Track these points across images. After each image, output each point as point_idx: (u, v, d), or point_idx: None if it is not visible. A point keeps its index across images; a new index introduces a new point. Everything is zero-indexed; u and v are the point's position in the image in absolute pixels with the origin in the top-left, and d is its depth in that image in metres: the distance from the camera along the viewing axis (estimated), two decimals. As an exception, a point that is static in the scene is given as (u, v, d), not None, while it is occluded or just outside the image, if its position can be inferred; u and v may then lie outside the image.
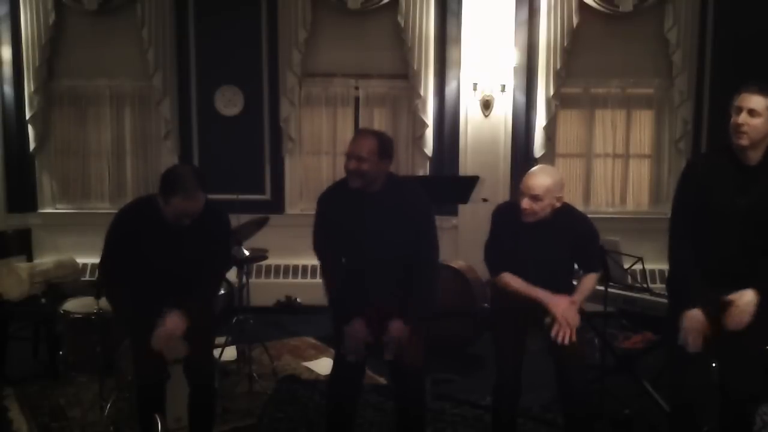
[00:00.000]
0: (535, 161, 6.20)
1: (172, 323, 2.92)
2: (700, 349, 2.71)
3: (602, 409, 3.74)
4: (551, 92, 6.03)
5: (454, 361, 4.83)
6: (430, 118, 6.13)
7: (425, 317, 3.11)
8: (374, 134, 3.02)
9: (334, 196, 3.11)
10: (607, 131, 6.36)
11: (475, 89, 5.97)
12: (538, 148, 6.17)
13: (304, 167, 6.40)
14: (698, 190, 2.78)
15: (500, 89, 5.97)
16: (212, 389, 3.23)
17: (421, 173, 6.19)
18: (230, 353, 4.71)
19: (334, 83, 6.25)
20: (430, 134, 6.17)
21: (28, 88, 6.09)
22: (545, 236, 3.02)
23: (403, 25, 5.99)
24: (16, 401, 4.14)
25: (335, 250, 3.12)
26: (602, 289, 3.81)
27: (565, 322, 2.94)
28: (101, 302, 3.91)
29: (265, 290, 5.96)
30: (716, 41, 6.15)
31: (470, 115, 6.04)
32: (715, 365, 2.91)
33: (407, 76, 6.11)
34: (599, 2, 5.99)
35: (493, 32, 5.90)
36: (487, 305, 4.92)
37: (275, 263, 6.14)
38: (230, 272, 4.48)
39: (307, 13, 6.00)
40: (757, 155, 2.71)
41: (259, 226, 4.53)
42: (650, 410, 3.88)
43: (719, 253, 2.75)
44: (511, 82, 6.01)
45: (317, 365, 4.83)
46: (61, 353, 4.40)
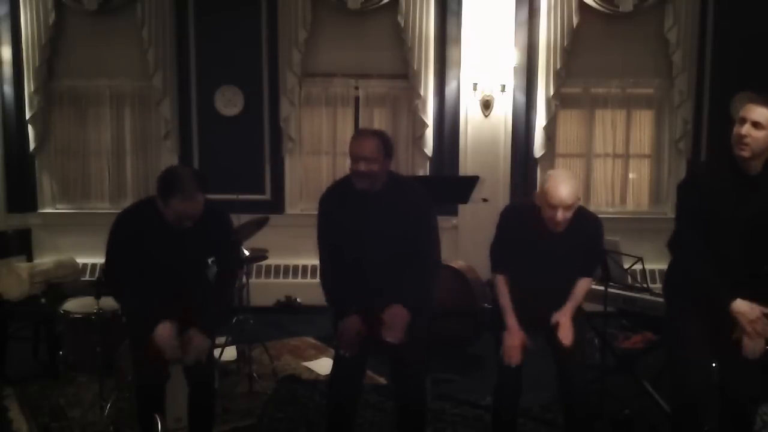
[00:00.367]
0: (535, 161, 6.22)
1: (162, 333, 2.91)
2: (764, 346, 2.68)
3: (602, 409, 3.74)
4: (551, 92, 6.03)
5: (454, 361, 4.83)
6: (430, 118, 6.14)
7: (424, 314, 3.09)
8: (375, 134, 3.01)
9: (335, 196, 3.09)
10: (607, 131, 6.36)
11: (475, 89, 5.97)
12: (538, 148, 6.17)
13: (304, 167, 6.40)
14: (699, 199, 2.78)
15: (500, 89, 5.97)
16: (212, 389, 3.23)
17: (421, 173, 6.19)
18: (230, 353, 4.72)
19: (334, 83, 6.25)
20: (430, 134, 6.17)
21: (28, 88, 6.09)
22: (561, 241, 2.99)
23: (403, 25, 5.99)
24: (16, 401, 4.14)
25: (337, 250, 3.11)
26: (602, 289, 3.81)
27: (507, 358, 3.01)
28: (101, 302, 3.92)
29: (265, 290, 5.96)
30: (716, 41, 6.15)
31: (470, 115, 6.04)
32: (714, 365, 2.92)
33: (407, 76, 6.11)
34: (599, 2, 5.99)
35: (493, 32, 5.90)
36: (487, 305, 4.93)
37: (275, 263, 6.14)
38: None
39: (307, 13, 6.00)
40: (758, 165, 2.71)
41: (259, 226, 4.53)
42: (650, 410, 3.88)
43: (720, 262, 2.76)
44: (511, 82, 6.01)
45: (317, 365, 4.83)
46: (61, 353, 4.41)
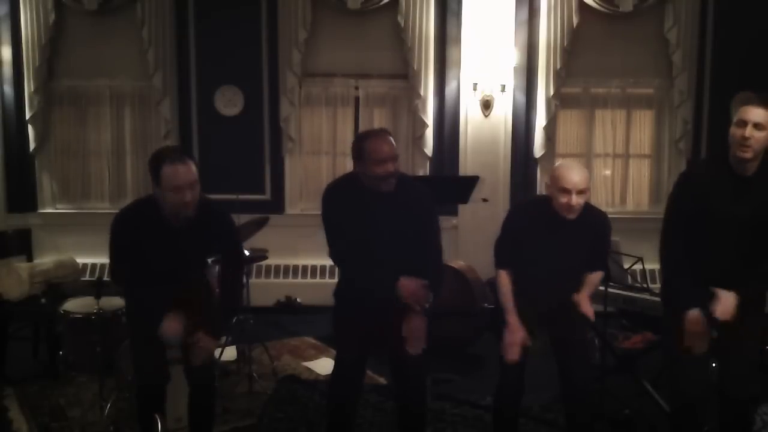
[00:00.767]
0: (535, 161, 6.22)
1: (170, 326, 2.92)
2: (705, 349, 2.73)
3: (602, 409, 3.74)
4: (551, 92, 6.03)
5: (454, 361, 4.83)
6: (430, 118, 6.14)
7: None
8: (388, 132, 2.99)
9: (340, 194, 3.05)
10: (607, 131, 6.36)
11: (475, 89, 5.97)
12: (538, 148, 6.17)
13: (304, 167, 6.39)
14: (695, 199, 2.80)
15: (500, 89, 5.97)
16: (213, 389, 3.23)
17: (421, 173, 6.18)
18: (230, 353, 4.72)
19: (334, 83, 6.25)
20: (430, 134, 6.17)
21: (28, 88, 6.09)
22: (569, 235, 2.99)
23: (403, 25, 5.99)
24: (16, 401, 4.14)
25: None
26: (602, 289, 3.81)
27: (506, 354, 3.03)
28: (101, 302, 3.91)
29: (265, 290, 5.95)
30: (716, 41, 6.15)
31: (470, 115, 6.04)
32: (714, 365, 2.92)
33: (407, 76, 6.11)
34: (599, 2, 5.99)
35: (493, 32, 5.90)
36: (487, 305, 4.93)
37: (275, 263, 6.13)
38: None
39: (307, 13, 6.00)
40: (754, 166, 2.74)
41: (259, 226, 4.53)
42: (650, 410, 3.88)
43: (717, 262, 2.77)
44: (511, 82, 6.01)
45: (317, 365, 4.83)
46: (61, 353, 4.39)
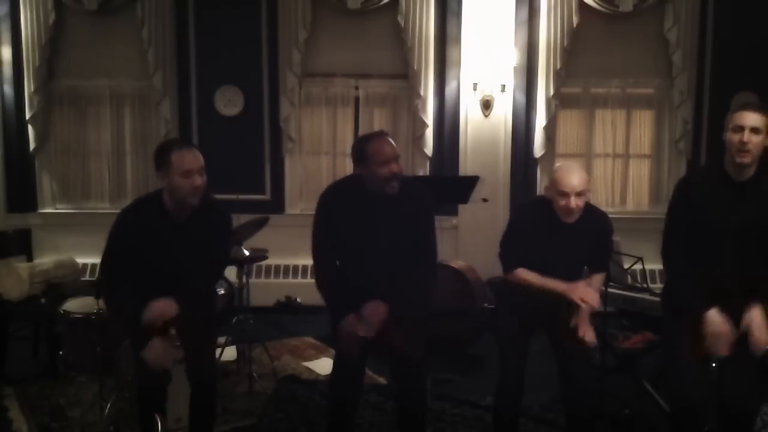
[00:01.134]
0: (535, 161, 6.22)
1: (161, 306, 2.89)
2: (726, 353, 2.70)
3: (602, 409, 3.74)
4: (551, 92, 6.03)
5: (454, 361, 4.83)
6: (430, 118, 6.14)
7: (421, 315, 3.09)
8: (387, 134, 3.00)
9: (339, 197, 3.05)
10: (607, 131, 6.36)
11: (475, 89, 5.97)
12: (538, 148, 6.17)
13: (304, 167, 6.40)
14: (692, 208, 2.80)
15: (500, 89, 5.97)
16: (214, 389, 3.22)
17: (421, 173, 6.18)
18: (230, 353, 4.71)
19: (334, 83, 6.25)
20: (430, 134, 6.17)
21: (28, 88, 6.09)
22: (570, 235, 2.99)
23: (403, 25, 5.99)
24: (16, 401, 4.14)
25: (335, 253, 3.08)
26: (602, 289, 3.81)
27: (583, 303, 2.91)
28: (101, 302, 3.91)
29: (265, 290, 5.96)
30: (716, 41, 6.15)
31: (470, 115, 6.04)
32: (714, 365, 2.92)
33: (407, 76, 6.11)
34: (599, 2, 6.00)
35: (493, 32, 5.90)
36: (487, 305, 4.93)
37: (275, 263, 6.14)
38: (230, 272, 4.50)
39: (307, 13, 6.00)
40: (749, 172, 2.74)
41: (259, 226, 4.53)
42: (650, 410, 3.88)
43: (714, 270, 2.77)
44: (511, 82, 6.01)
45: (317, 365, 4.83)
46: (61, 353, 4.40)
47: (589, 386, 3.16)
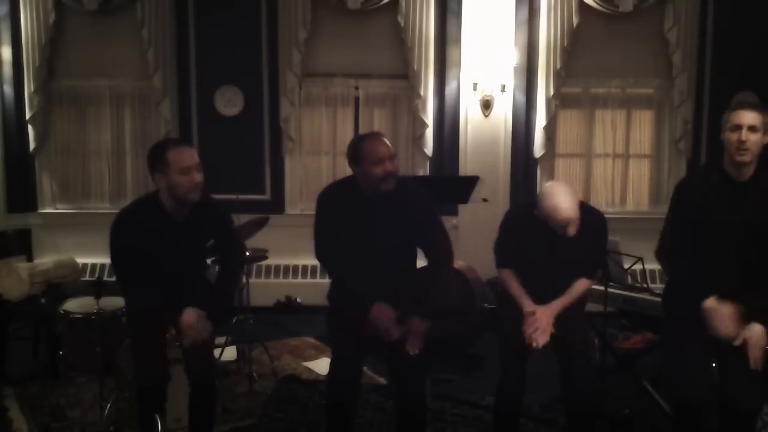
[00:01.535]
0: (535, 161, 6.22)
1: (191, 316, 2.95)
2: (733, 333, 2.71)
3: (602, 409, 3.74)
4: (551, 92, 6.03)
5: (454, 361, 4.83)
6: (430, 118, 6.13)
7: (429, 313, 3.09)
8: (382, 134, 3.02)
9: (337, 197, 3.06)
10: (607, 131, 6.36)
11: (475, 89, 5.97)
12: (538, 148, 6.17)
13: (304, 167, 6.39)
14: (693, 209, 2.81)
15: (500, 89, 5.97)
16: (213, 389, 3.23)
17: (421, 173, 6.19)
18: (230, 353, 4.72)
19: (334, 83, 6.25)
20: (430, 134, 6.17)
21: (28, 88, 6.09)
22: (566, 240, 2.98)
23: (403, 25, 5.99)
24: (16, 401, 4.14)
25: (339, 249, 3.08)
26: (602, 289, 3.81)
27: (529, 338, 2.98)
28: (101, 302, 3.91)
29: (265, 290, 5.96)
30: (716, 41, 6.15)
31: (470, 115, 6.04)
32: (714, 365, 2.92)
33: (407, 76, 6.11)
34: (599, 2, 5.99)
35: (493, 32, 5.90)
36: (487, 305, 4.93)
37: (275, 263, 6.14)
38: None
39: (307, 13, 6.00)
40: (749, 171, 2.75)
41: (259, 226, 4.53)
42: (650, 410, 3.88)
43: (715, 270, 2.77)
44: (511, 82, 6.01)
45: (317, 365, 4.83)
46: (61, 353, 4.40)
47: (589, 386, 3.16)
